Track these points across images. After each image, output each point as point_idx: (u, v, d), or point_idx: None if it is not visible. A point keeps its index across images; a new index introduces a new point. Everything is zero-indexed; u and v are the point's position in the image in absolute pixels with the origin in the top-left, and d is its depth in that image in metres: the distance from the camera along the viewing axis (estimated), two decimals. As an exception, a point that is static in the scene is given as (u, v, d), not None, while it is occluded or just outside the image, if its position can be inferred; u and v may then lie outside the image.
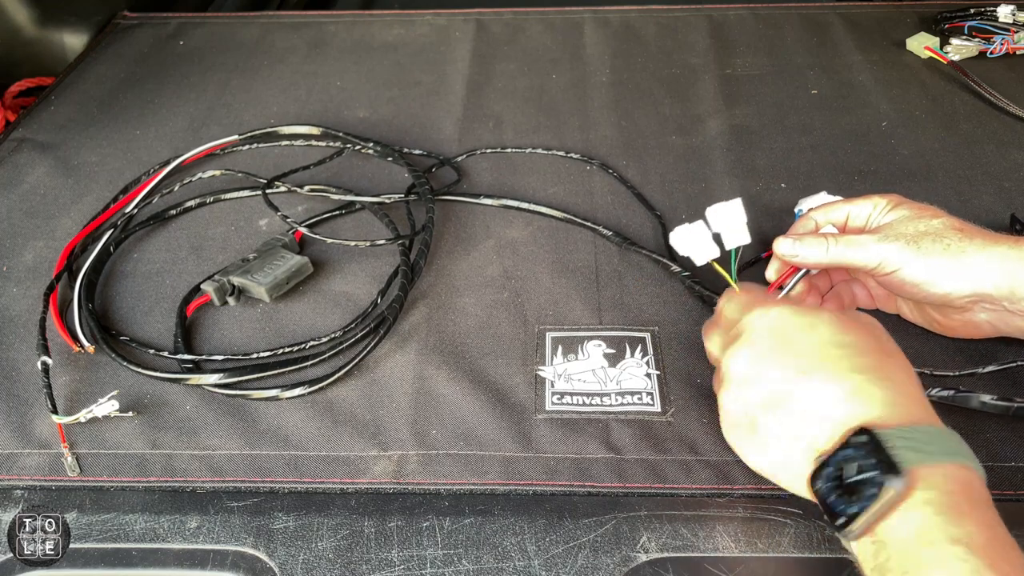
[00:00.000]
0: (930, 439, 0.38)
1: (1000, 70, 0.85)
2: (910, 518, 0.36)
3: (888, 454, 0.37)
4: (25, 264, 0.67)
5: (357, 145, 0.77)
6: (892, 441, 0.37)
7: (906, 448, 0.37)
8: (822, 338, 0.43)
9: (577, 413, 0.53)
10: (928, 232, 0.50)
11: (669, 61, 0.91)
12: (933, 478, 0.36)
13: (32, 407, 0.56)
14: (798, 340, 0.44)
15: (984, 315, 0.51)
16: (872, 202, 0.54)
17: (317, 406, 0.55)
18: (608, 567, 0.45)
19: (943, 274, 0.49)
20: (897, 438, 0.38)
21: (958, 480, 0.37)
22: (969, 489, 0.37)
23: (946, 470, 0.37)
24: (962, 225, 0.50)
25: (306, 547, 0.47)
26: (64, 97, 0.89)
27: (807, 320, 0.44)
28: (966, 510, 0.35)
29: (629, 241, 0.65)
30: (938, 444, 0.38)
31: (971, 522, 0.35)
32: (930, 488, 0.36)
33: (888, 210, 0.53)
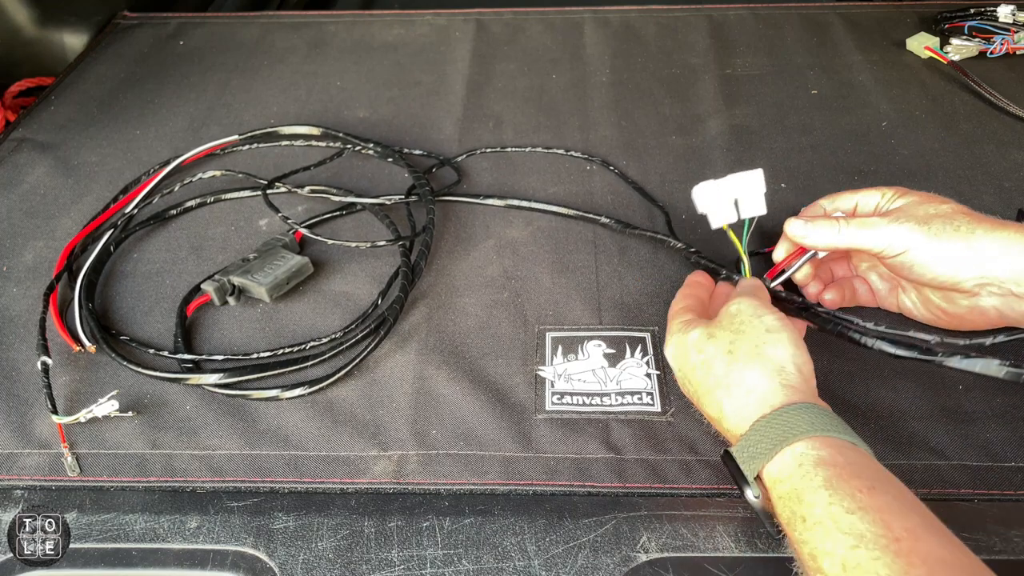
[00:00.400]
0: (759, 436, 0.42)
1: (1000, 70, 0.85)
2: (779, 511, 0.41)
3: (739, 472, 0.43)
4: (25, 264, 0.67)
5: (357, 146, 0.77)
6: (737, 456, 0.43)
7: (744, 459, 0.42)
8: (693, 362, 0.48)
9: (577, 413, 0.53)
10: (938, 215, 0.50)
11: (669, 61, 0.91)
12: (772, 475, 0.41)
13: (32, 407, 0.56)
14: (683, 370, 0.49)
15: (991, 300, 0.51)
16: (880, 192, 0.55)
17: (317, 406, 0.55)
18: (608, 567, 0.45)
19: (953, 256, 0.49)
20: (738, 451, 0.43)
21: (789, 464, 0.41)
22: (800, 464, 0.40)
23: (779, 461, 0.41)
24: (969, 211, 0.51)
25: (306, 547, 0.47)
26: (64, 97, 0.89)
27: (679, 349, 0.49)
28: (801, 488, 0.39)
29: (630, 225, 0.65)
30: (767, 438, 0.42)
31: (810, 495, 0.39)
32: (776, 484, 0.41)
33: (896, 197, 0.54)
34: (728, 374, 0.45)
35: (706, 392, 0.46)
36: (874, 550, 0.35)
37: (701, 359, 0.47)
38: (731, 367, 0.45)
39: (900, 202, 0.53)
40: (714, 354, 0.46)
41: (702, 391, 0.47)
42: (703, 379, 0.47)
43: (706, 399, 0.47)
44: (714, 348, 0.47)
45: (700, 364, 0.47)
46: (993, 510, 0.47)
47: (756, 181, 0.55)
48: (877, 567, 0.35)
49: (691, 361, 0.48)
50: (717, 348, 0.46)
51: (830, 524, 0.37)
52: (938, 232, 0.50)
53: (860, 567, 0.35)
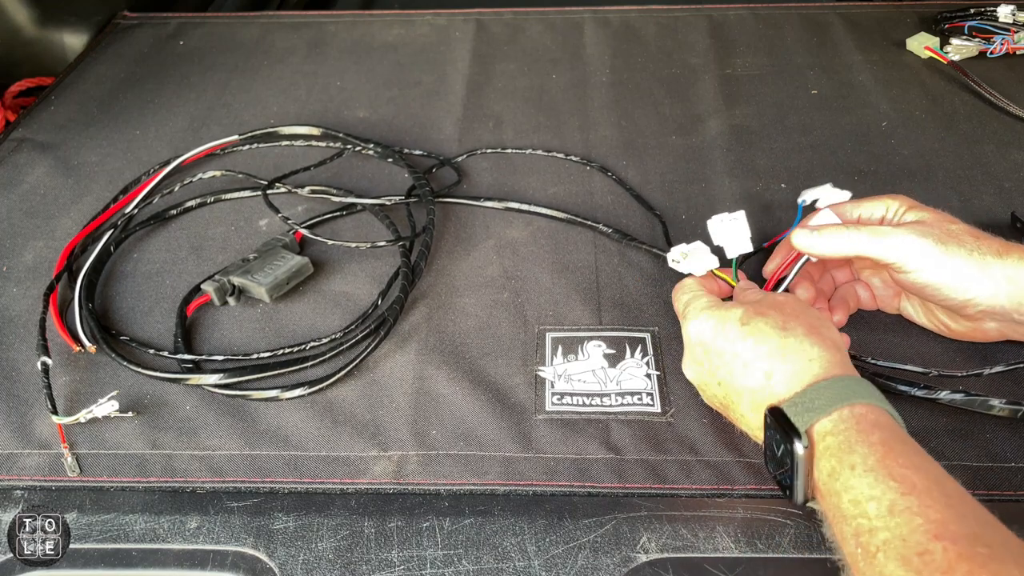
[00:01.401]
0: (819, 394, 0.42)
1: (1000, 70, 0.85)
2: (823, 466, 0.41)
3: (788, 424, 0.42)
4: (25, 264, 0.67)
5: (357, 146, 0.77)
6: (788, 411, 0.43)
7: (797, 413, 0.42)
8: (732, 334, 0.47)
9: (577, 413, 0.53)
10: (952, 236, 0.50)
11: (669, 61, 0.91)
12: (825, 428, 0.41)
13: (32, 407, 0.56)
14: (716, 343, 0.48)
15: (993, 324, 0.52)
16: (884, 203, 0.54)
17: (317, 406, 0.55)
18: (608, 567, 0.45)
19: (968, 279, 0.49)
20: (789, 406, 0.43)
21: (846, 419, 0.41)
22: (858, 422, 0.41)
23: (836, 416, 0.41)
24: (977, 233, 0.50)
25: (306, 547, 0.47)
26: (64, 97, 0.89)
27: (717, 322, 0.48)
28: (855, 439, 0.40)
29: (628, 236, 0.65)
30: (827, 397, 0.42)
31: (862, 446, 0.39)
32: (825, 436, 0.41)
33: (903, 212, 0.53)
34: (784, 343, 0.45)
35: (752, 360, 0.46)
36: (926, 498, 0.36)
37: (747, 330, 0.47)
38: (788, 338, 0.45)
39: (910, 217, 0.52)
40: (765, 328, 0.46)
41: (746, 359, 0.46)
42: (748, 348, 0.46)
43: (750, 367, 0.46)
44: (764, 323, 0.46)
45: (747, 334, 0.46)
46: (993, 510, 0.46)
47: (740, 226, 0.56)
48: (928, 512, 0.35)
49: (733, 332, 0.47)
50: (768, 324, 0.46)
51: (883, 472, 0.38)
52: (954, 254, 0.49)
53: (910, 509, 0.36)
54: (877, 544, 0.36)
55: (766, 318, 0.47)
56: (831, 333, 0.46)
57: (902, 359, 0.54)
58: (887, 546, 0.36)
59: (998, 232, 0.51)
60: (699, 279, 0.55)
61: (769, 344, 0.46)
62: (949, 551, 0.34)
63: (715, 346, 0.48)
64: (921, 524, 0.35)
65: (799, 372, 0.44)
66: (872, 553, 0.36)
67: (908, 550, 0.35)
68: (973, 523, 0.36)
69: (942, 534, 0.35)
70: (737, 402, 0.47)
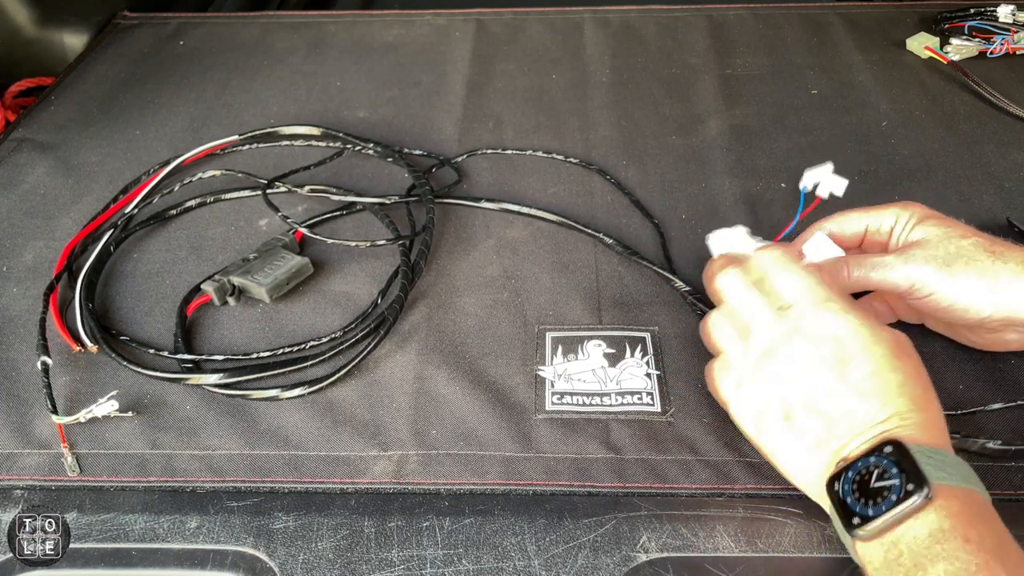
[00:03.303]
0: (952, 463, 0.39)
1: (1000, 70, 0.85)
2: (927, 519, 0.37)
3: (915, 466, 0.38)
4: (25, 264, 0.67)
5: (357, 145, 0.77)
6: (919, 456, 0.39)
7: (931, 465, 0.38)
8: (880, 360, 0.43)
9: (577, 413, 0.53)
10: (961, 255, 0.48)
11: (669, 61, 0.91)
12: (951, 494, 0.38)
13: (32, 407, 0.56)
14: (858, 357, 0.43)
15: (1014, 335, 0.51)
16: (894, 214, 0.52)
17: (317, 406, 0.55)
18: (608, 567, 0.45)
19: (977, 300, 0.48)
20: (923, 455, 0.39)
21: (973, 501, 0.38)
22: (983, 509, 0.38)
23: (963, 492, 0.38)
24: (993, 245, 0.49)
25: (306, 547, 0.47)
26: (64, 97, 0.89)
27: (870, 337, 0.43)
28: (979, 519, 0.37)
29: (631, 251, 0.65)
30: (958, 469, 0.39)
31: (984, 527, 0.37)
32: (949, 498, 0.38)
33: (914, 224, 0.51)
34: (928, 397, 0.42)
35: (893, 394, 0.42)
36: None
37: (899, 365, 0.43)
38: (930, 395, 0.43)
39: (919, 233, 0.50)
40: (915, 372, 0.43)
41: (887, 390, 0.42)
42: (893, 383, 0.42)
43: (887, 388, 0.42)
44: (914, 367, 0.43)
45: (898, 369, 0.42)
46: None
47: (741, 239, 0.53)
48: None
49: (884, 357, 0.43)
50: (917, 370, 0.43)
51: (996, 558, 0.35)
52: (960, 274, 0.48)
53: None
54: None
55: (915, 363, 0.43)
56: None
57: None
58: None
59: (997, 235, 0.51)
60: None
61: (918, 387, 0.42)
62: None
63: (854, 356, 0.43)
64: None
65: (934, 431, 0.41)
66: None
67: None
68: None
69: None
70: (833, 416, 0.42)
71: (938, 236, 0.50)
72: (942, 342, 0.56)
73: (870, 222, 0.53)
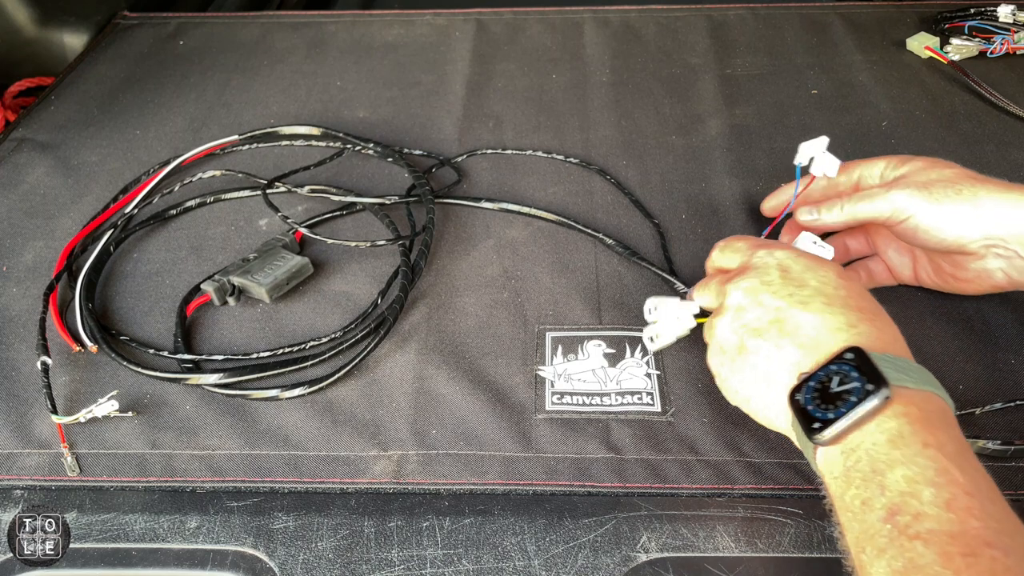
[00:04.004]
0: (913, 368, 0.41)
1: (1000, 70, 0.85)
2: (886, 426, 0.38)
3: (875, 368, 0.39)
4: (25, 264, 0.67)
5: (357, 146, 0.77)
6: (878, 361, 0.40)
7: (890, 368, 0.40)
8: (824, 278, 0.45)
9: (577, 413, 0.53)
10: (940, 180, 0.51)
11: (669, 61, 0.91)
12: (911, 397, 0.39)
13: (32, 407, 0.55)
14: (802, 275, 0.45)
15: (997, 262, 0.52)
16: (884, 161, 0.56)
17: (317, 406, 0.55)
18: (608, 567, 0.45)
19: (956, 218, 0.50)
20: (882, 360, 0.40)
21: (934, 407, 0.39)
22: (943, 413, 0.39)
23: (923, 395, 0.39)
24: (974, 175, 0.51)
25: (306, 547, 0.47)
26: (64, 97, 0.89)
27: (812, 262, 0.46)
28: (939, 425, 0.38)
29: (631, 251, 0.65)
30: (920, 374, 0.40)
31: (943, 432, 0.38)
32: (908, 404, 0.39)
33: (900, 164, 0.55)
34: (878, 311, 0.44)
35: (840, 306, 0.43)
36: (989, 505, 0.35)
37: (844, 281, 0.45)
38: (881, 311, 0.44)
39: (903, 169, 0.54)
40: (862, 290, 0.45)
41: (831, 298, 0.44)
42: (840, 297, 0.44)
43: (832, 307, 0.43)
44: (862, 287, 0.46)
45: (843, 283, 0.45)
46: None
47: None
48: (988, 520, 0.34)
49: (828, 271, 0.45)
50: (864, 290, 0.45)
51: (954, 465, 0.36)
52: (940, 197, 0.50)
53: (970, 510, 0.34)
54: (919, 530, 0.35)
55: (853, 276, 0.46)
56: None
57: None
58: (931, 536, 0.34)
59: None
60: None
61: (864, 302, 0.44)
62: (997, 561, 0.33)
63: (800, 276, 0.46)
64: (977, 528, 0.34)
65: (890, 340, 0.43)
66: (909, 536, 0.35)
67: (953, 548, 0.34)
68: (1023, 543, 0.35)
69: (994, 543, 0.34)
70: (783, 332, 0.44)
71: (920, 167, 0.53)
72: (942, 343, 0.56)
73: (862, 171, 0.57)
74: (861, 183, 0.57)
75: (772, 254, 0.48)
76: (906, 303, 0.60)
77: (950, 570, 0.33)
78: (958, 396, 0.53)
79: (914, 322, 0.58)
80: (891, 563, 0.35)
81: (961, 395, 0.53)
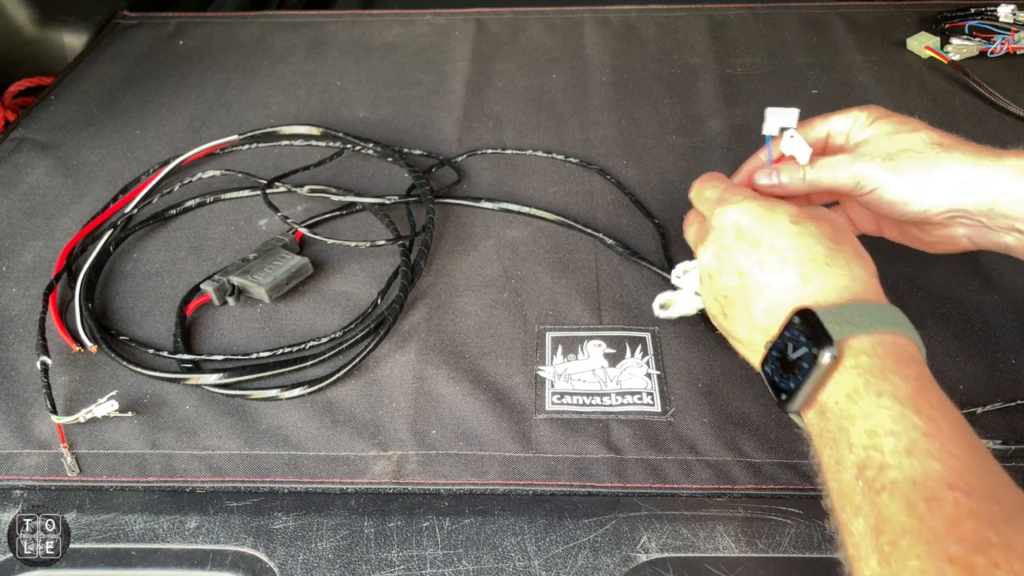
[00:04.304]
0: (863, 313, 0.40)
1: (1000, 70, 0.85)
2: (842, 382, 0.38)
3: (819, 328, 0.39)
4: (25, 264, 0.67)
5: (357, 145, 0.77)
6: (824, 317, 0.40)
7: (836, 323, 0.39)
8: (777, 230, 0.45)
9: (577, 413, 0.53)
10: (906, 148, 0.49)
11: (669, 61, 0.91)
12: (862, 346, 0.39)
13: (32, 407, 0.55)
14: (756, 233, 0.45)
15: (962, 230, 0.50)
16: (852, 116, 0.53)
17: (317, 406, 0.55)
18: (608, 567, 0.45)
19: (920, 192, 0.48)
20: (829, 315, 0.40)
21: (886, 345, 0.39)
22: (898, 351, 0.39)
23: (876, 338, 0.39)
24: (941, 138, 0.49)
25: (306, 547, 0.47)
26: (64, 97, 0.89)
27: (765, 213, 0.46)
28: (891, 367, 0.38)
29: (631, 251, 0.65)
30: (870, 317, 0.40)
31: (896, 376, 0.37)
32: (859, 354, 0.39)
33: (868, 124, 0.52)
34: (832, 256, 0.43)
35: (792, 260, 0.43)
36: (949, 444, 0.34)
37: (796, 229, 0.44)
38: (836, 253, 0.43)
39: (870, 131, 0.51)
40: (815, 233, 0.44)
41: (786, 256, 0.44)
42: (792, 247, 0.44)
43: (786, 266, 0.44)
44: (816, 229, 0.44)
45: (795, 233, 0.44)
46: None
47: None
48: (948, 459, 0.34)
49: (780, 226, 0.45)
50: (820, 231, 0.44)
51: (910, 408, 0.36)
52: (904, 169, 0.48)
53: (929, 453, 0.34)
54: (884, 482, 0.34)
55: (819, 225, 0.44)
56: (872, 266, 0.45)
57: None
58: (895, 486, 0.34)
59: None
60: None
61: (816, 250, 0.43)
62: (960, 503, 0.32)
63: (754, 234, 0.45)
64: (938, 470, 0.34)
65: (841, 287, 0.42)
66: (876, 490, 0.34)
67: (917, 495, 0.33)
68: (989, 478, 0.34)
69: (956, 484, 0.33)
70: (749, 298, 0.45)
71: (886, 132, 0.50)
72: (942, 343, 0.56)
73: (831, 127, 0.54)
74: (830, 140, 0.54)
75: (726, 213, 0.47)
76: (906, 303, 0.60)
77: (915, 518, 0.33)
78: (958, 396, 0.53)
79: (914, 322, 0.58)
80: (867, 520, 0.35)
81: (961, 395, 0.53)
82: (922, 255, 0.64)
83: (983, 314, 0.58)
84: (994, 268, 0.62)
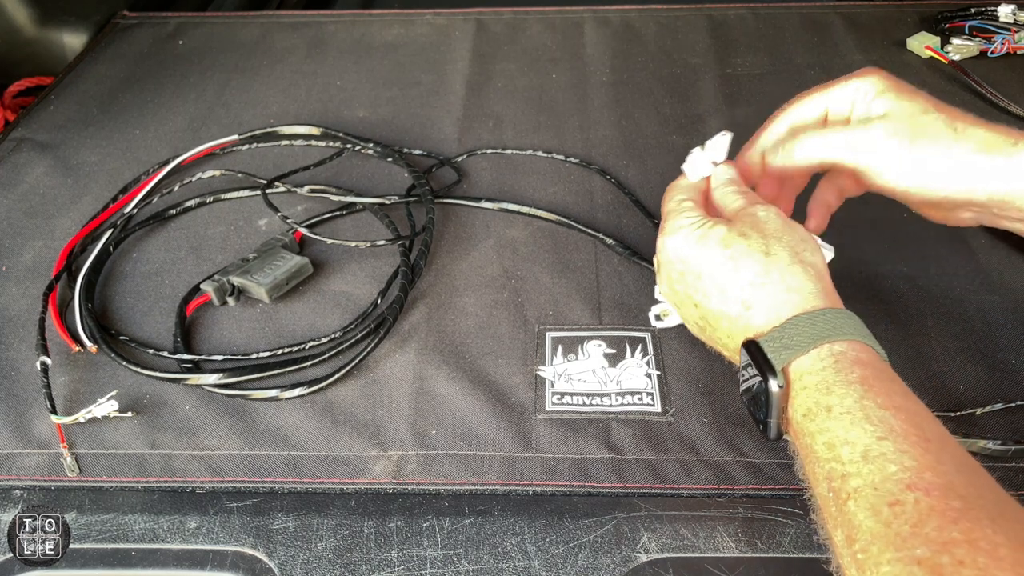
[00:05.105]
0: (798, 330, 0.41)
1: (1000, 70, 0.85)
2: (798, 404, 0.40)
3: (764, 361, 0.41)
4: (25, 264, 0.67)
5: (357, 145, 0.77)
6: (767, 347, 0.41)
7: (777, 350, 0.41)
8: (711, 256, 0.46)
9: (577, 413, 0.53)
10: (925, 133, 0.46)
11: (669, 61, 0.91)
12: (803, 366, 0.40)
13: (31, 407, 0.55)
14: (695, 263, 0.47)
15: (969, 214, 0.49)
16: (853, 86, 0.50)
17: (317, 406, 0.55)
18: (608, 567, 0.45)
19: (938, 180, 0.46)
20: (770, 342, 0.41)
21: (825, 358, 0.40)
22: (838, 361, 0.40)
23: (814, 354, 0.40)
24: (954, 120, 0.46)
25: (306, 547, 0.47)
26: (63, 97, 0.89)
27: (698, 239, 0.47)
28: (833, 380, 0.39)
29: (631, 251, 0.65)
30: (807, 332, 0.41)
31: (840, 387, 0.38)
32: (802, 375, 0.40)
33: (874, 97, 0.49)
34: (766, 272, 0.43)
35: (730, 288, 0.44)
36: (903, 443, 0.35)
37: (728, 254, 0.45)
38: (770, 266, 0.43)
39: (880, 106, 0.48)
40: (746, 251, 0.44)
41: (724, 284, 0.45)
42: (727, 273, 0.44)
43: (728, 294, 0.45)
44: (746, 246, 0.44)
45: (727, 258, 0.45)
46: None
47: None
48: (903, 459, 0.34)
49: (713, 255, 0.45)
50: (751, 247, 0.44)
51: (859, 415, 0.37)
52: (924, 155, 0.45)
53: (884, 456, 0.35)
54: (848, 491, 0.35)
55: (748, 240, 0.44)
56: (814, 258, 0.44)
57: None
58: (858, 494, 0.34)
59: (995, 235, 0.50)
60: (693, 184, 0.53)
61: (749, 271, 0.44)
62: (921, 503, 0.33)
63: (692, 266, 0.46)
64: (895, 472, 0.34)
65: (778, 305, 0.42)
66: (843, 499, 0.35)
67: (879, 500, 0.34)
68: (950, 470, 0.34)
69: (916, 484, 0.33)
70: (715, 326, 0.46)
71: (904, 109, 0.47)
72: (942, 343, 0.56)
73: (830, 103, 0.51)
74: (830, 118, 0.51)
75: (666, 246, 0.49)
76: (906, 303, 0.60)
77: (881, 523, 0.33)
78: (958, 396, 0.53)
79: (914, 322, 0.58)
80: (842, 530, 0.35)
81: (961, 395, 0.53)
82: (922, 255, 0.64)
83: (983, 314, 0.58)
84: (994, 268, 0.62)
